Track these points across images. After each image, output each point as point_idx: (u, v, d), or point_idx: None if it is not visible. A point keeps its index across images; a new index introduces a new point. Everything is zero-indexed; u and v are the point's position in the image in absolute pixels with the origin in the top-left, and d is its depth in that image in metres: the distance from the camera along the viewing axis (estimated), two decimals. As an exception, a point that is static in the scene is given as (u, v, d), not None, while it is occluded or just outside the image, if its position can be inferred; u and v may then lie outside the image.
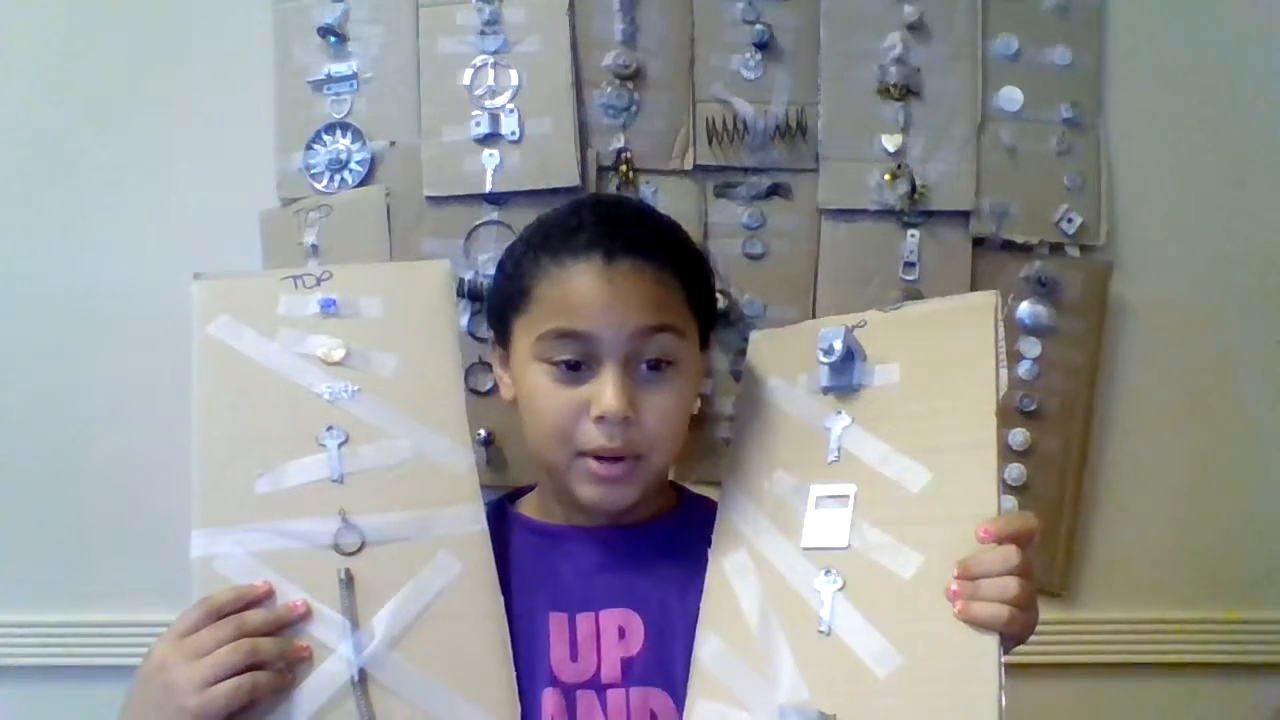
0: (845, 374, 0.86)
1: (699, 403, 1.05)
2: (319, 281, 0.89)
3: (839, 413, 0.86)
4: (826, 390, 0.88)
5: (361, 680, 0.76)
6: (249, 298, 0.88)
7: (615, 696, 0.83)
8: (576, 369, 0.84)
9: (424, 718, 0.77)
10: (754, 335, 1.01)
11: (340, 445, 0.82)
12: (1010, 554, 0.73)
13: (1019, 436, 1.20)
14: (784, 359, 0.93)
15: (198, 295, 0.88)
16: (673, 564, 0.89)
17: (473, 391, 1.15)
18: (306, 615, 0.77)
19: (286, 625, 0.77)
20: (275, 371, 0.85)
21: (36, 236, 1.20)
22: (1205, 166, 1.25)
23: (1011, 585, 0.72)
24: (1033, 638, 0.75)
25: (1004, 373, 0.81)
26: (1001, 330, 0.82)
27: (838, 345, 0.85)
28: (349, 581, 0.79)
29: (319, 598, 0.78)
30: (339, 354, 0.85)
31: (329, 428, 0.83)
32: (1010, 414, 1.20)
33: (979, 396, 0.80)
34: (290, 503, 0.81)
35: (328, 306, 0.87)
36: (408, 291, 0.90)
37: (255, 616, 0.76)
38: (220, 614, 0.75)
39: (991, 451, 0.77)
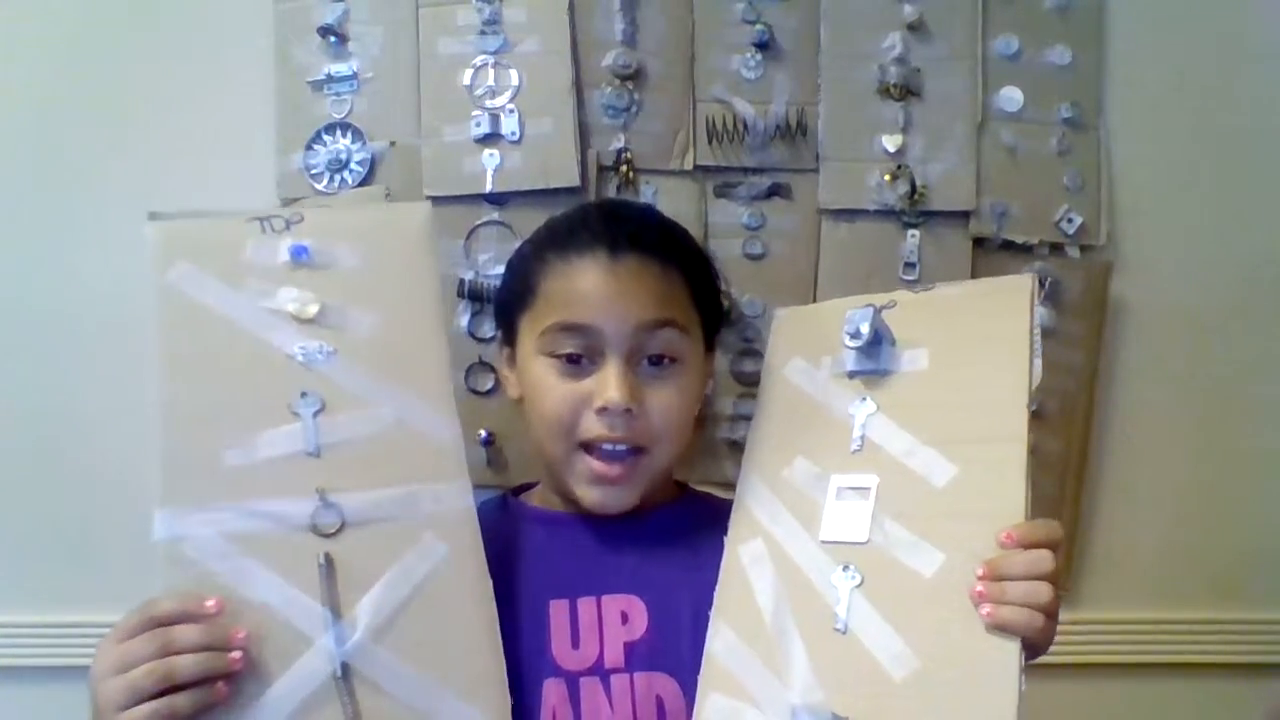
0: (872, 358, 0.84)
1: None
2: (289, 225, 0.81)
3: (864, 399, 0.83)
4: (852, 374, 0.85)
5: (345, 675, 0.72)
6: (212, 241, 0.80)
7: (619, 682, 0.82)
8: (579, 362, 0.84)
9: (411, 714, 0.73)
10: (779, 312, 0.98)
11: (315, 414, 0.76)
12: (1044, 557, 0.70)
13: (1019, 436, 1.20)
14: (808, 339, 0.91)
15: (153, 237, 0.80)
16: (675, 549, 0.88)
17: (473, 392, 1.15)
18: (244, 642, 0.71)
19: (219, 649, 0.70)
20: (242, 328, 0.77)
21: (35, 236, 1.20)
22: (1205, 166, 1.25)
23: (1043, 590, 0.69)
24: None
25: (1038, 363, 0.77)
26: (1038, 318, 0.79)
27: (865, 329, 0.82)
28: (329, 567, 0.73)
29: (297, 585, 0.73)
30: (313, 309, 0.78)
31: (303, 394, 0.76)
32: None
33: (1011, 388, 0.77)
34: (263, 478, 0.75)
35: (299, 254, 0.79)
36: (387, 238, 0.83)
37: (184, 634, 0.70)
38: (156, 625, 0.70)
39: (1022, 447, 0.74)
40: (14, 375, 1.20)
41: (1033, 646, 0.70)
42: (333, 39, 1.18)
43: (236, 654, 0.70)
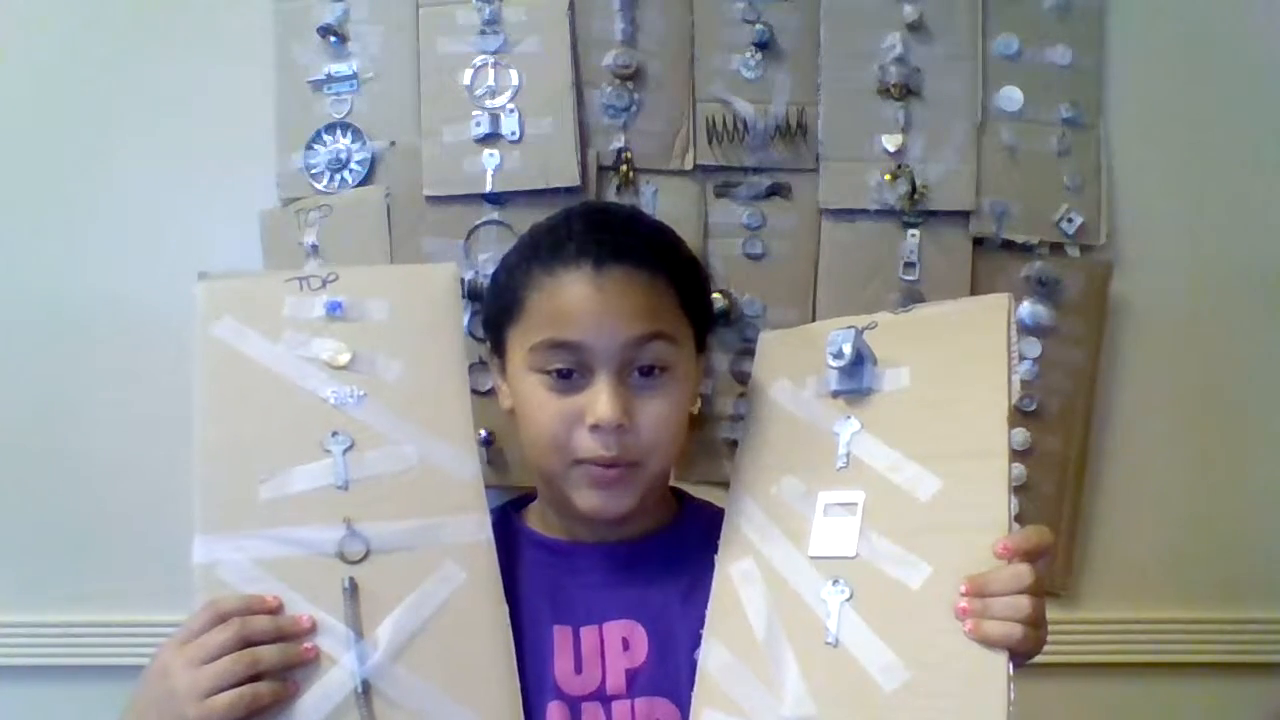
0: (855, 378, 0.86)
1: (699, 403, 1.05)
2: (324, 283, 0.88)
3: (848, 417, 0.85)
4: (835, 394, 0.87)
5: (365, 692, 0.75)
6: (253, 299, 0.88)
7: (620, 708, 0.83)
8: (569, 378, 0.84)
9: None
10: (763, 335, 1.00)
11: (345, 451, 0.82)
12: (1023, 572, 0.72)
13: (1019, 436, 1.20)
14: (793, 361, 0.93)
15: (201, 296, 0.87)
16: (675, 575, 0.89)
17: (473, 391, 1.14)
18: (311, 630, 0.76)
19: (291, 638, 0.76)
20: (279, 375, 0.84)
21: (36, 237, 1.20)
22: (1205, 166, 1.25)
23: (1024, 603, 0.71)
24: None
25: (1016, 378, 0.80)
26: (1014, 335, 0.81)
27: (847, 349, 0.84)
28: (353, 591, 0.78)
29: (323, 606, 0.77)
30: (344, 358, 0.85)
31: (334, 433, 0.82)
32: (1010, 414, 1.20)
33: (990, 403, 0.79)
34: (294, 509, 0.80)
35: (333, 309, 0.86)
36: (414, 295, 0.90)
37: (260, 623, 0.75)
38: (225, 619, 0.74)
39: (1003, 460, 0.76)
40: (15, 375, 1.20)
41: (1024, 653, 0.72)
42: (333, 39, 1.18)
43: (310, 644, 0.75)
